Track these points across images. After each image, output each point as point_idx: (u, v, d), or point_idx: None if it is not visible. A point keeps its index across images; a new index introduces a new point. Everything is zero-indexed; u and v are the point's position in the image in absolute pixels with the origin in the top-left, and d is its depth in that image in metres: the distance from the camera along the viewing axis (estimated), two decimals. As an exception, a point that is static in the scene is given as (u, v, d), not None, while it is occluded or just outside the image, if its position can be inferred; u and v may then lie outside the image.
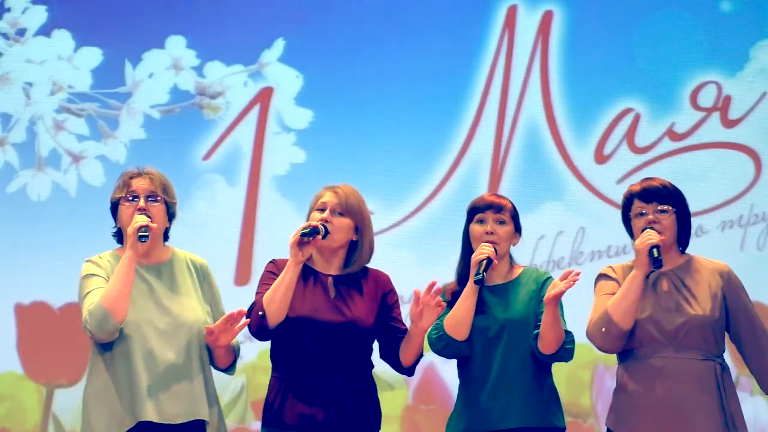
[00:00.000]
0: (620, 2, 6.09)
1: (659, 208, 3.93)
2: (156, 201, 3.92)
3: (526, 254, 5.94)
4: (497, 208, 4.01)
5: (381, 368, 4.07)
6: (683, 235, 4.00)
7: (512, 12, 6.18)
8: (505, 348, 3.93)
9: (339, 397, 3.87)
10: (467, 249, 4.03)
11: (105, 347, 3.85)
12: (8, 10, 6.43)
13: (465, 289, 3.92)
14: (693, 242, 5.37)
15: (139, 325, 3.83)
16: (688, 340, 3.86)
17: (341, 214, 3.95)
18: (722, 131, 5.99)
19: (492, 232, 3.97)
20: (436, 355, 4.01)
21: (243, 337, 4.12)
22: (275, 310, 3.82)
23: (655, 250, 3.81)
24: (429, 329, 3.93)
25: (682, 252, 4.02)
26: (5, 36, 6.42)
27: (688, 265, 3.98)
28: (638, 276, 3.83)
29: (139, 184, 3.92)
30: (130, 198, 3.91)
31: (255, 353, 5.85)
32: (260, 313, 3.83)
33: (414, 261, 6.04)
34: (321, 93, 6.23)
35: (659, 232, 3.88)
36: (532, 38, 6.15)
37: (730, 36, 6.00)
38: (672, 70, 6.03)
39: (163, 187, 3.95)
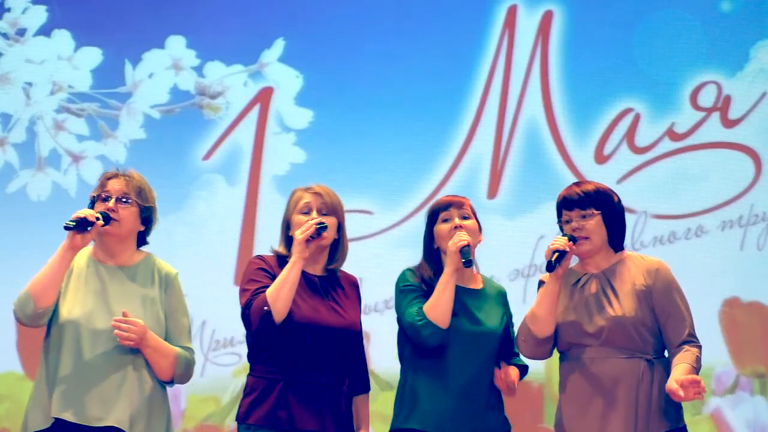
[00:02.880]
0: (620, 2, 6.09)
1: (581, 213, 3.95)
2: (127, 203, 3.91)
3: (526, 254, 5.95)
4: (458, 205, 4.06)
5: (381, 368, 4.07)
6: (615, 235, 3.98)
7: (512, 12, 6.18)
8: (484, 356, 3.96)
9: (335, 400, 3.87)
10: (432, 252, 4.06)
11: (45, 339, 3.86)
12: (8, 10, 6.43)
13: (444, 278, 3.92)
14: (693, 242, 5.38)
15: (77, 322, 3.82)
16: (612, 340, 3.86)
17: (326, 214, 3.97)
18: (722, 131, 5.99)
19: (460, 226, 4.00)
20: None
21: (243, 337, 4.11)
22: (282, 306, 3.82)
23: (555, 254, 3.84)
24: (413, 317, 3.92)
25: (618, 251, 4.01)
26: (5, 36, 6.42)
27: (618, 264, 3.97)
28: (549, 285, 3.89)
29: (114, 185, 3.93)
30: (103, 197, 3.92)
31: (255, 353, 5.85)
32: (265, 308, 3.81)
33: (414, 261, 6.03)
34: (321, 93, 6.23)
35: (586, 238, 3.91)
36: (532, 38, 6.15)
37: (730, 36, 6.00)
38: (672, 70, 6.03)
39: (138, 191, 3.94)
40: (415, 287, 4.01)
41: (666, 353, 3.92)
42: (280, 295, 3.81)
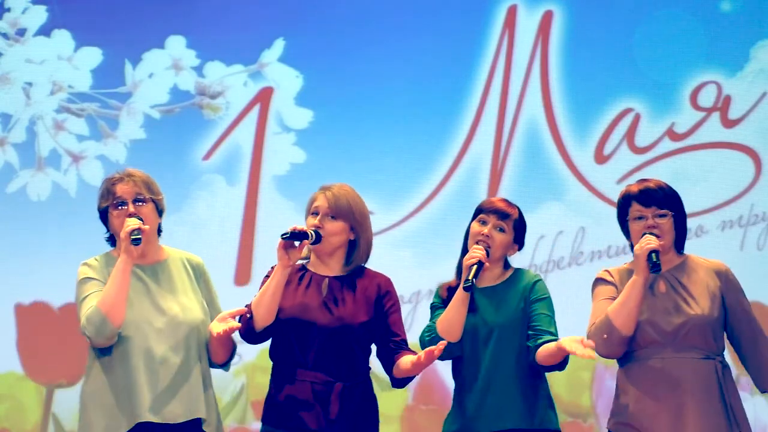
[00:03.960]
0: (620, 2, 6.09)
1: (658, 212, 3.92)
2: (144, 202, 3.92)
3: (526, 254, 5.93)
4: (501, 215, 4.00)
5: (381, 368, 4.06)
6: (680, 236, 3.99)
7: (512, 12, 6.18)
8: (494, 350, 3.93)
9: (328, 396, 3.87)
10: (466, 248, 4.03)
11: (103, 350, 3.85)
12: (8, 10, 6.42)
13: (456, 293, 3.90)
14: (693, 242, 5.38)
15: (137, 325, 3.84)
16: (688, 340, 3.86)
17: (333, 218, 3.94)
18: (722, 131, 6.00)
19: (488, 235, 3.96)
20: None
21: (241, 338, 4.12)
22: (262, 314, 3.84)
23: (653, 255, 3.80)
24: (423, 331, 3.96)
25: (679, 253, 4.02)
26: (5, 36, 6.42)
27: (684, 265, 3.98)
28: (638, 281, 3.83)
29: (124, 189, 3.92)
30: (118, 205, 3.90)
31: (255, 353, 5.84)
32: (248, 315, 3.85)
33: (414, 261, 6.05)
34: (321, 93, 6.23)
35: (658, 237, 3.87)
36: (532, 38, 6.15)
37: (730, 36, 6.00)
38: (672, 70, 6.03)
39: (147, 186, 3.94)
40: (437, 305, 4.03)
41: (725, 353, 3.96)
42: (261, 302, 3.85)
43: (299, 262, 3.97)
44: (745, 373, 4.02)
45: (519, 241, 4.05)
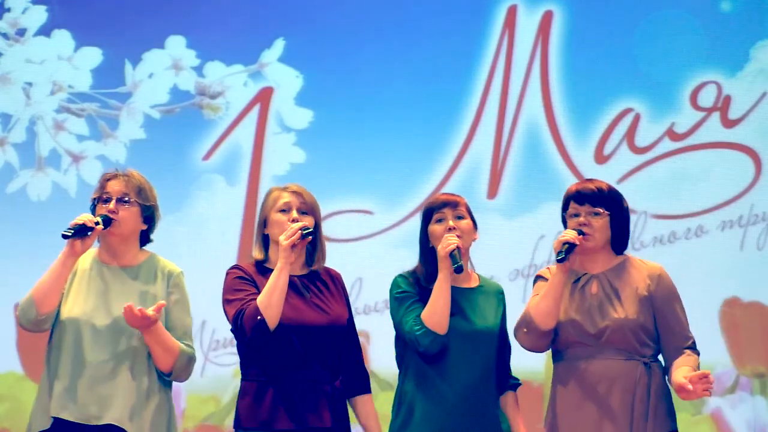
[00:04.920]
0: (620, 2, 6.09)
1: (592, 210, 3.94)
2: (127, 203, 3.92)
3: (526, 254, 5.95)
4: (453, 205, 4.03)
5: (381, 368, 4.07)
6: (619, 237, 3.98)
7: (512, 12, 6.18)
8: (477, 352, 3.93)
9: (329, 394, 3.88)
10: (427, 252, 4.03)
11: (49, 342, 3.88)
12: (8, 10, 6.43)
13: (438, 283, 3.89)
14: (693, 242, 5.38)
15: (76, 321, 3.83)
16: (612, 342, 3.85)
17: (305, 213, 3.96)
18: (722, 131, 5.99)
19: (454, 227, 3.97)
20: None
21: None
22: (274, 313, 3.81)
23: (565, 246, 3.82)
24: (411, 326, 3.91)
25: (618, 254, 4.01)
26: (5, 36, 6.42)
27: (620, 266, 3.97)
28: (556, 276, 3.86)
29: (114, 186, 3.93)
30: (104, 199, 3.92)
31: (255, 353, 5.85)
32: (259, 317, 3.80)
33: (414, 261, 6.04)
34: (321, 93, 6.23)
35: (586, 234, 3.89)
36: (532, 38, 6.15)
37: (730, 36, 6.00)
38: (672, 70, 6.03)
39: (138, 190, 3.94)
40: (409, 293, 3.99)
41: (661, 357, 3.92)
42: (271, 302, 3.81)
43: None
44: (745, 374, 4.02)
45: (475, 224, 4.07)
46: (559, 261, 3.83)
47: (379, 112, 6.17)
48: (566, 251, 3.82)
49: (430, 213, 4.04)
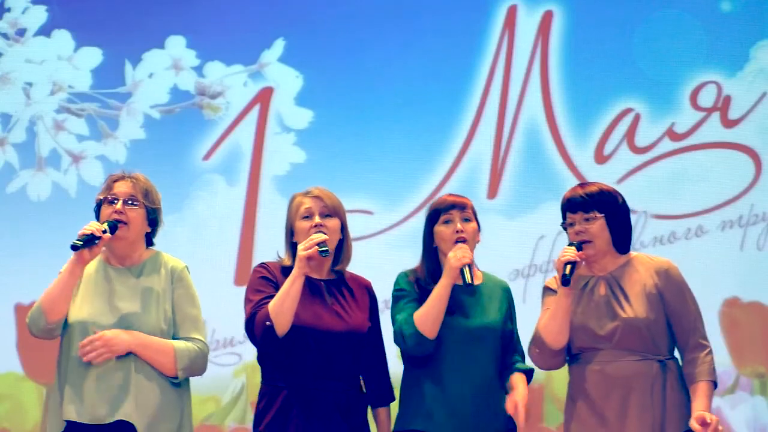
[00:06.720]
0: (620, 2, 6.09)
1: (585, 216, 3.93)
2: (134, 205, 3.93)
3: (526, 254, 5.95)
4: (461, 207, 4.02)
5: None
6: (620, 237, 3.97)
7: (512, 12, 6.18)
8: (480, 349, 3.93)
9: (346, 404, 3.86)
10: (431, 252, 4.02)
11: (60, 346, 3.89)
12: (8, 10, 6.43)
13: (438, 289, 3.89)
14: (693, 242, 5.38)
15: (84, 323, 3.85)
16: (624, 343, 3.84)
17: (329, 216, 3.94)
18: (722, 131, 5.99)
19: (461, 230, 3.96)
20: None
21: (243, 338, 4.12)
22: (285, 321, 3.79)
23: (568, 267, 3.81)
24: (400, 324, 3.91)
25: (622, 253, 3.99)
26: (5, 36, 6.42)
27: (626, 266, 3.96)
28: (562, 298, 3.85)
29: (121, 188, 3.95)
30: (110, 201, 3.93)
31: (254, 354, 5.84)
32: (267, 323, 3.79)
33: (414, 261, 6.03)
34: (321, 93, 6.23)
35: (587, 241, 3.89)
36: (532, 38, 6.15)
37: (730, 36, 6.00)
38: (672, 70, 6.02)
39: (145, 193, 3.96)
40: (407, 292, 3.99)
41: (676, 352, 3.92)
42: (282, 309, 3.78)
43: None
44: (745, 374, 4.01)
45: (479, 226, 4.10)
46: (564, 284, 3.81)
47: (379, 112, 6.17)
48: (570, 271, 3.81)
49: (437, 214, 4.03)
